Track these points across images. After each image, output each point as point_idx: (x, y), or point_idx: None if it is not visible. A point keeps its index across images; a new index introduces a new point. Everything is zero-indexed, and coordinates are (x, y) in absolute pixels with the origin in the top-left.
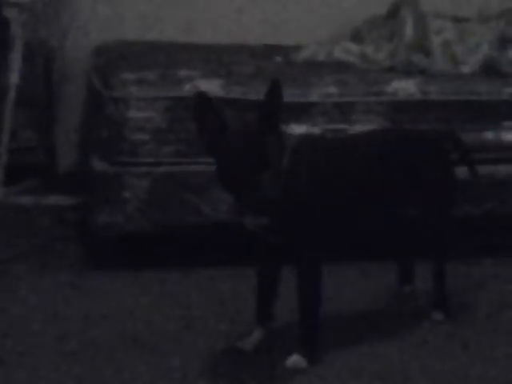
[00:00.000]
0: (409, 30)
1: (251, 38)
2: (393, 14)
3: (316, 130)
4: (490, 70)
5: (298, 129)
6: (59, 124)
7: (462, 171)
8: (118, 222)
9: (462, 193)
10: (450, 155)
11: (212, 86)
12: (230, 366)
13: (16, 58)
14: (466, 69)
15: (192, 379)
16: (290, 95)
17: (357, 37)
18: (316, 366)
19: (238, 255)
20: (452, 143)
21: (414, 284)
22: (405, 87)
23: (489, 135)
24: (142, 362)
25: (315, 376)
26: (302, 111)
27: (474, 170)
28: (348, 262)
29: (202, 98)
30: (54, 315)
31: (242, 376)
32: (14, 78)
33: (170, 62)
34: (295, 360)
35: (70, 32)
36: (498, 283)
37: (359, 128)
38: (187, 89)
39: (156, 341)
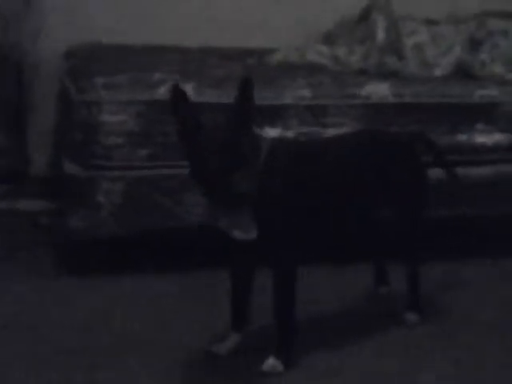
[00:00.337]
0: (381, 33)
1: (224, 40)
2: (365, 16)
3: (289, 133)
4: (462, 72)
5: (271, 132)
6: (32, 128)
7: (435, 173)
8: (91, 227)
9: (436, 195)
10: (421, 157)
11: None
12: (205, 371)
13: None
14: (438, 71)
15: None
16: (263, 98)
17: (329, 39)
18: (292, 370)
19: (212, 258)
20: (424, 145)
21: (389, 285)
22: (378, 90)
23: (462, 138)
24: (117, 367)
25: (291, 379)
26: (276, 114)
27: (451, 171)
28: (323, 264)
29: (177, 90)
30: (26, 321)
31: (218, 381)
32: None
33: (142, 66)
34: (271, 364)
35: (42, 35)
36: (471, 284)
37: (332, 131)
38: (160, 92)
39: (131, 345)
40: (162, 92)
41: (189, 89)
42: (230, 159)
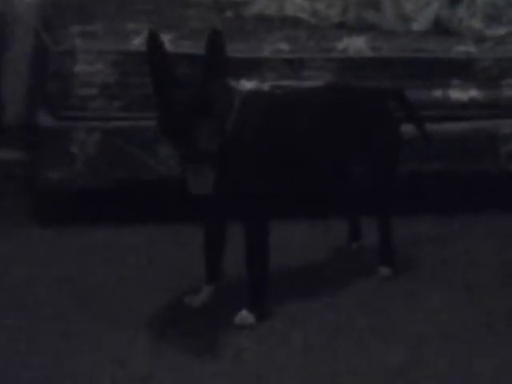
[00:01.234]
0: None
1: None
2: None
3: (265, 86)
4: (439, 27)
5: (247, 84)
6: (6, 78)
7: (409, 128)
8: (65, 178)
9: (410, 150)
10: (394, 112)
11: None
12: (178, 323)
13: None
14: (416, 26)
15: (138, 336)
16: (240, 50)
17: None
18: (264, 322)
19: (185, 211)
20: (397, 100)
21: (362, 240)
22: (355, 44)
23: (437, 93)
24: (91, 320)
25: (263, 331)
26: (252, 67)
27: (422, 127)
28: (296, 219)
29: (153, 38)
30: None
31: (191, 333)
32: None
33: (118, 15)
34: (243, 316)
35: None
36: (442, 240)
37: (308, 84)
38: (136, 42)
39: (104, 298)
40: (138, 42)
41: (166, 40)
42: (198, 113)
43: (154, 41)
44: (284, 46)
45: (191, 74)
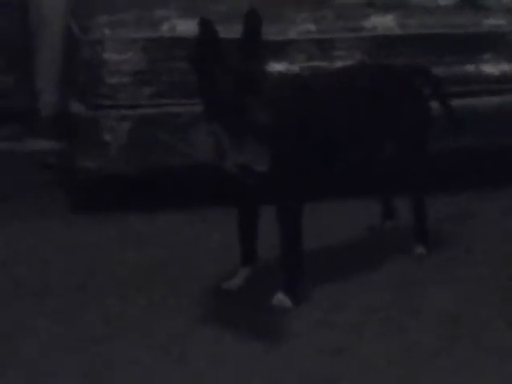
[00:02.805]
0: None
1: None
2: None
3: (295, 68)
4: (467, 1)
5: (277, 66)
6: (39, 68)
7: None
8: (98, 166)
9: (442, 127)
10: (422, 90)
11: (189, 26)
12: (216, 307)
13: None
14: (443, 1)
15: (179, 320)
16: (267, 33)
17: None
18: (300, 304)
19: (219, 195)
20: (424, 78)
21: (396, 219)
22: (383, 22)
23: (469, 68)
24: (127, 302)
25: (299, 314)
26: (281, 49)
27: (448, 105)
28: (329, 200)
29: (206, 25)
30: (40, 260)
31: (229, 316)
32: None
33: (145, 3)
34: (280, 298)
35: None
36: (477, 216)
37: (339, 65)
38: (164, 29)
39: (140, 282)
40: (166, 29)
41: (194, 25)
42: (247, 89)
43: (206, 28)
44: (312, 27)
45: (231, 55)
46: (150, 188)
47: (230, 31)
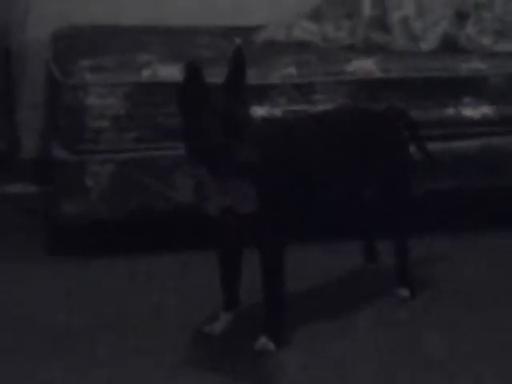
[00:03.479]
0: (367, 7)
1: (210, 19)
2: None
3: (276, 112)
4: (448, 46)
5: (259, 110)
6: (21, 111)
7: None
8: (80, 210)
9: (423, 170)
10: (403, 133)
11: (171, 71)
12: (198, 352)
13: None
14: (424, 45)
15: (160, 365)
16: (250, 77)
17: (316, 16)
18: (283, 348)
19: (201, 239)
20: (402, 121)
21: (378, 262)
22: (364, 66)
23: (449, 111)
24: (109, 348)
25: (283, 358)
26: (263, 93)
27: (425, 148)
28: (311, 243)
29: (192, 67)
30: (15, 304)
31: (211, 361)
32: None
33: (128, 47)
34: (263, 343)
35: (29, 19)
36: (460, 257)
37: (321, 108)
38: (147, 74)
39: (120, 327)
40: (149, 73)
41: (177, 69)
42: (233, 131)
43: (193, 70)
44: (293, 71)
45: (221, 98)
46: (131, 232)
47: (213, 76)
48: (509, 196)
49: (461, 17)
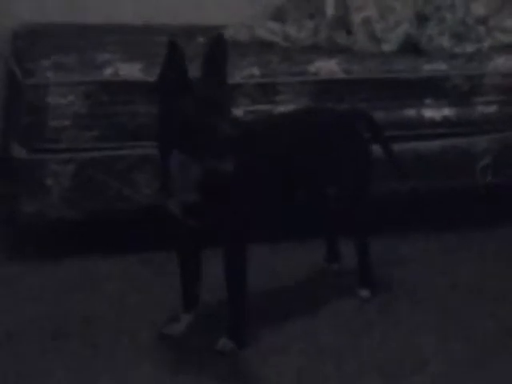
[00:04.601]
0: (330, 8)
1: (172, 17)
2: None
3: (239, 112)
4: (410, 47)
5: None
6: None
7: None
8: (40, 210)
9: (387, 170)
10: (363, 133)
11: (132, 70)
12: (158, 353)
13: None
14: (386, 46)
15: (121, 367)
16: None
17: (278, 15)
18: (245, 348)
19: (161, 240)
20: (364, 122)
21: (340, 261)
22: (327, 66)
23: (410, 112)
24: (65, 350)
25: (244, 358)
26: None
27: (388, 148)
28: (273, 242)
29: (172, 45)
30: None
31: (171, 362)
32: None
33: (89, 46)
34: (224, 343)
35: None
36: (420, 258)
37: (283, 108)
38: (107, 73)
39: (82, 328)
40: (109, 72)
41: (137, 69)
42: (218, 106)
43: (174, 50)
44: (256, 71)
45: (201, 80)
46: (92, 232)
47: None
48: (468, 197)
49: (422, 18)
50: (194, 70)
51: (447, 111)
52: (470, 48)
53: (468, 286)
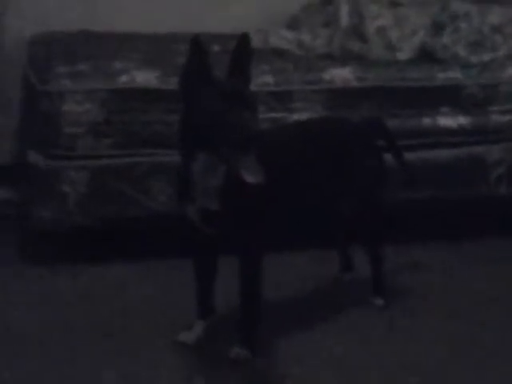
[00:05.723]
0: (344, 16)
1: (187, 26)
2: (328, 0)
3: None
4: (425, 55)
5: None
6: None
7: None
8: (56, 217)
9: (399, 178)
10: (376, 142)
11: (148, 78)
12: (173, 360)
13: None
14: (401, 55)
15: (136, 373)
16: None
17: (293, 24)
18: (258, 356)
19: (177, 247)
20: (378, 131)
21: (353, 271)
22: (341, 74)
23: (426, 121)
24: (83, 357)
25: (257, 366)
26: None
27: (400, 157)
28: (287, 251)
29: (196, 41)
30: None
31: (186, 369)
32: None
33: (104, 54)
34: (238, 351)
35: (4, 24)
36: (435, 266)
37: (298, 116)
38: (123, 80)
39: (96, 335)
40: (125, 80)
41: (153, 77)
42: (242, 102)
43: (197, 47)
44: (270, 79)
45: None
46: (108, 239)
47: None
48: (484, 205)
49: (438, 27)
50: None
51: (462, 120)
52: (485, 57)
53: (483, 294)
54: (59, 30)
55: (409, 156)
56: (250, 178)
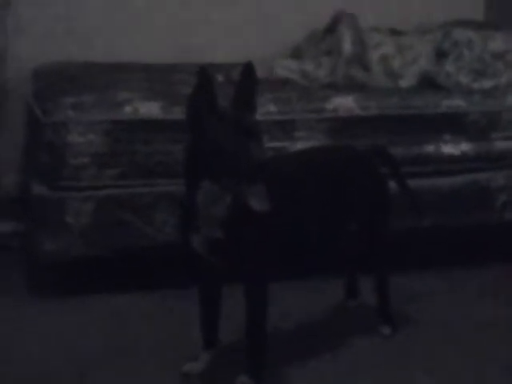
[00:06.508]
0: (347, 46)
1: (191, 56)
2: (331, 29)
3: None
4: (427, 83)
5: None
6: (1, 149)
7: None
8: (61, 248)
9: (403, 206)
10: (381, 170)
11: (151, 108)
12: None
13: None
14: (404, 83)
15: None
16: None
17: (297, 53)
18: None
19: (182, 277)
20: (382, 158)
21: (359, 298)
22: (345, 103)
23: (429, 148)
24: None
25: None
26: None
27: (405, 184)
28: (293, 279)
29: (203, 73)
30: None
31: None
32: None
33: (108, 84)
34: (243, 381)
35: (7, 56)
36: (440, 294)
37: (301, 145)
38: (127, 111)
39: (102, 368)
40: (129, 111)
41: (156, 107)
42: (249, 133)
43: (204, 78)
44: (274, 108)
45: (230, 107)
46: (113, 270)
47: None
48: (489, 232)
49: (440, 54)
50: None
51: (465, 147)
52: (487, 84)
53: (486, 322)
54: (62, 61)
55: (412, 183)
56: (258, 205)
